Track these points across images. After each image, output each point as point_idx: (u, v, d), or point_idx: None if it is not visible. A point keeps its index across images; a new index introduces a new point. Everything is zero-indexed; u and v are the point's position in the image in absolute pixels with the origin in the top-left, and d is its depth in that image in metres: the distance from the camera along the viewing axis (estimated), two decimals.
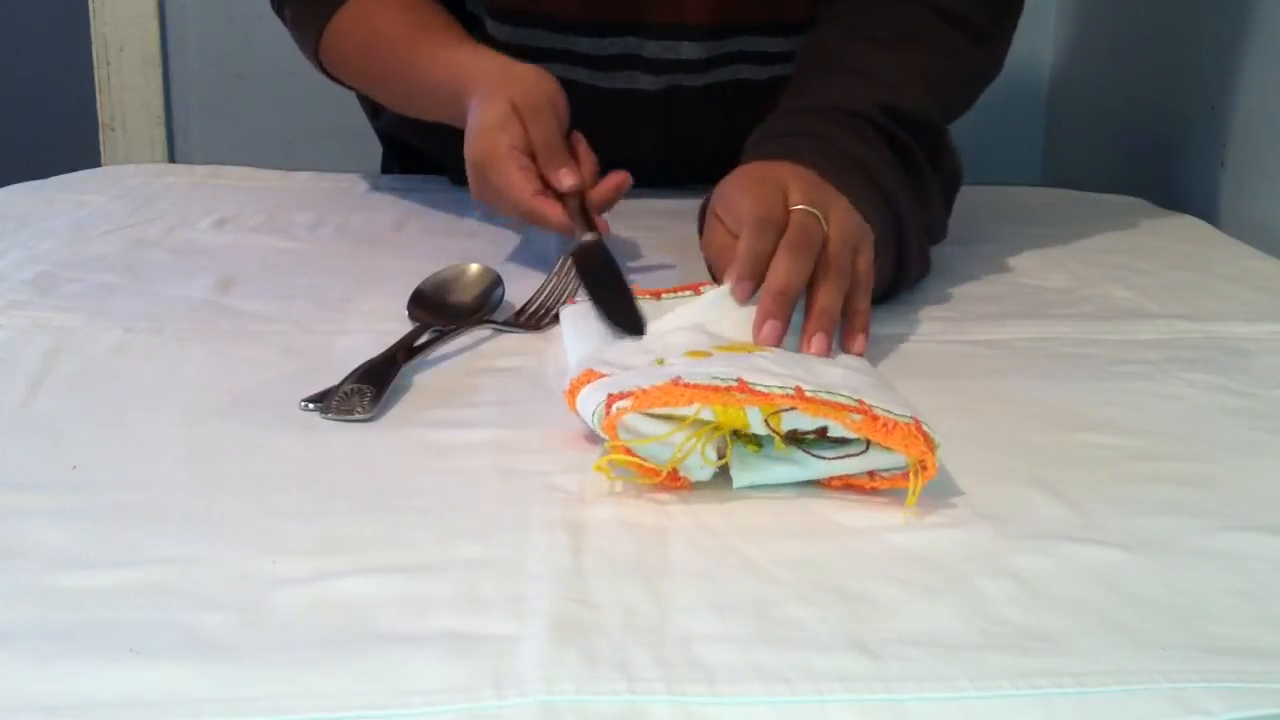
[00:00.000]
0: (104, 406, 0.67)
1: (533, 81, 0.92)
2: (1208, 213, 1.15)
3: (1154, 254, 1.01)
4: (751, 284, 0.71)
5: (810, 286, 0.72)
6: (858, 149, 0.84)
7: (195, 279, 0.88)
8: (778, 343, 0.68)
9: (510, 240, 1.00)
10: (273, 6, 1.12)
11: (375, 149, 1.29)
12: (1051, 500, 0.58)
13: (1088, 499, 0.58)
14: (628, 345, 0.69)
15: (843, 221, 0.76)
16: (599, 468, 0.57)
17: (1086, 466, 0.62)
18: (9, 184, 1.13)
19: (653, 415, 0.56)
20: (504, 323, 0.78)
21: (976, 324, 0.83)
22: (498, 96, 0.90)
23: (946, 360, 0.76)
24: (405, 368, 0.71)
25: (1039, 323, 0.84)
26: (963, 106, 0.98)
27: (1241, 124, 1.16)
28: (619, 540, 0.54)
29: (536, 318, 0.80)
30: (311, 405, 0.66)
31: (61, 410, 0.66)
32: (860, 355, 0.72)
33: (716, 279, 0.79)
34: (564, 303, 0.80)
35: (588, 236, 0.84)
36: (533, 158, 0.89)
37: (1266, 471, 0.63)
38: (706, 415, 0.56)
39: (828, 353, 0.69)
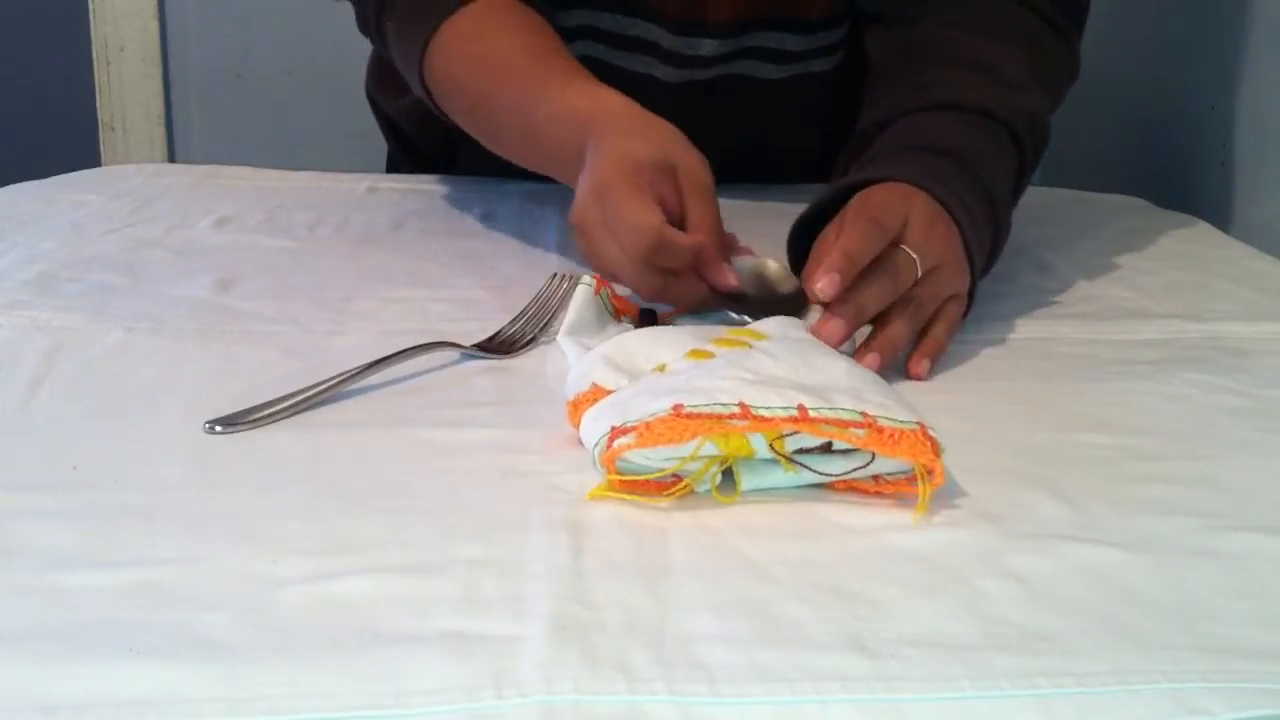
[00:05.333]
0: (104, 406, 0.67)
1: (694, 150, 0.80)
2: (1208, 213, 1.15)
3: (1154, 254, 1.01)
4: (841, 280, 0.70)
5: (884, 317, 0.73)
6: (999, 189, 0.83)
7: (195, 279, 0.88)
8: (838, 344, 0.69)
9: (509, 242, 1.00)
10: (362, 27, 1.01)
11: (375, 149, 1.29)
12: (1051, 500, 0.58)
13: (1088, 499, 0.58)
14: (632, 338, 0.68)
15: (945, 277, 0.76)
16: (594, 496, 0.57)
17: (1086, 466, 0.62)
18: (9, 184, 1.13)
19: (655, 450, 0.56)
20: (474, 346, 0.74)
21: (977, 324, 0.83)
22: (645, 139, 0.79)
23: (947, 360, 0.76)
24: (404, 368, 0.71)
25: (1039, 323, 0.84)
26: (1059, 105, 0.96)
27: (1242, 124, 1.16)
28: (619, 540, 0.54)
29: (510, 343, 0.76)
30: (219, 427, 0.63)
31: (61, 410, 0.66)
32: (920, 379, 0.73)
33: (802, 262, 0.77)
34: (543, 330, 0.77)
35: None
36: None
37: (1266, 471, 0.63)
38: (710, 449, 0.56)
39: (878, 369, 0.69)
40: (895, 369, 0.73)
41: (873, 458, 0.57)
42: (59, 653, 0.45)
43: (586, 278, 0.78)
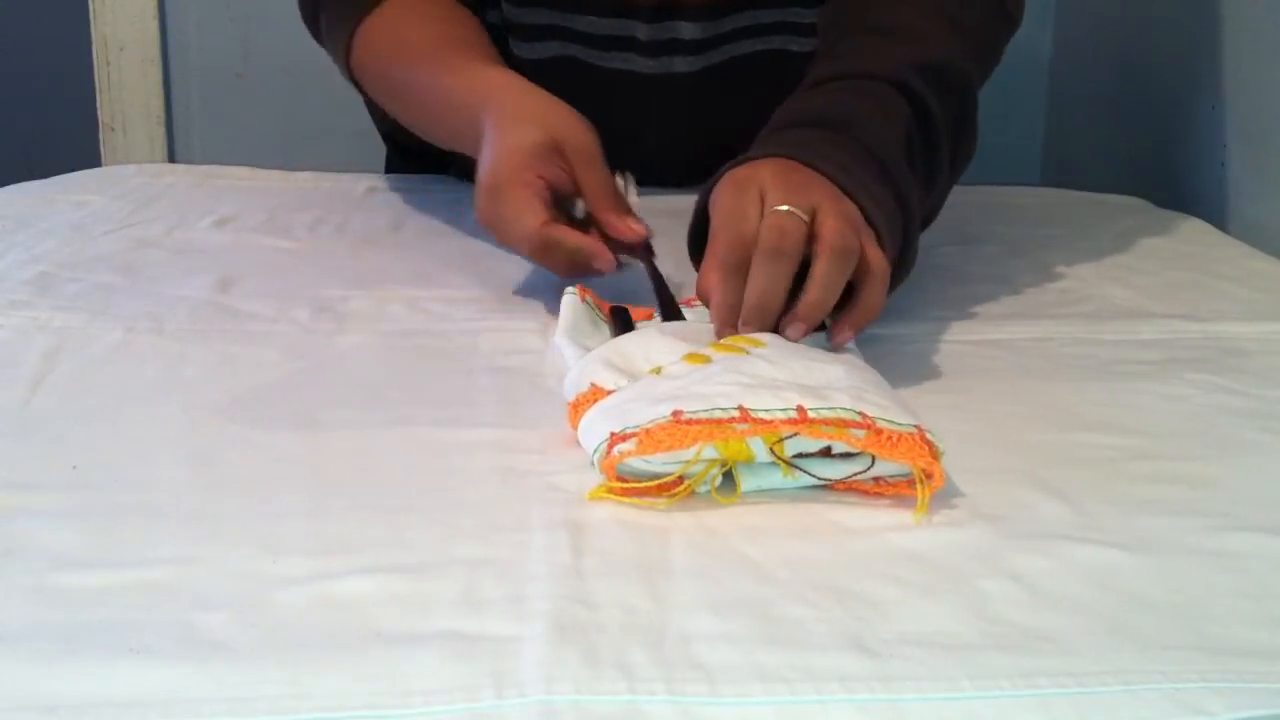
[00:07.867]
0: (104, 406, 0.67)
1: (578, 123, 0.86)
2: (1208, 213, 1.15)
3: (1154, 254, 1.01)
4: (729, 319, 0.68)
5: (808, 273, 0.69)
6: (878, 136, 0.79)
7: (195, 279, 0.88)
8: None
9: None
10: (304, 18, 1.08)
11: (375, 149, 1.29)
12: (1051, 500, 0.58)
13: (1088, 499, 0.58)
14: (629, 341, 0.68)
15: (838, 209, 0.71)
16: (594, 497, 0.57)
17: (1086, 466, 0.62)
18: (9, 184, 1.13)
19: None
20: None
21: (976, 324, 0.83)
22: (530, 123, 0.85)
23: (946, 360, 0.76)
24: (404, 368, 0.71)
25: (1039, 323, 0.84)
26: (993, 52, 0.94)
27: (1242, 124, 1.16)
28: (619, 540, 0.54)
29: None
30: None
31: (61, 410, 0.66)
32: (840, 347, 0.69)
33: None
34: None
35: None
36: (553, 197, 0.84)
37: (1266, 471, 0.63)
38: (710, 453, 0.56)
39: (800, 338, 0.67)
40: (895, 372, 0.73)
41: (871, 463, 0.57)
42: (59, 653, 0.45)
43: (570, 288, 0.78)
